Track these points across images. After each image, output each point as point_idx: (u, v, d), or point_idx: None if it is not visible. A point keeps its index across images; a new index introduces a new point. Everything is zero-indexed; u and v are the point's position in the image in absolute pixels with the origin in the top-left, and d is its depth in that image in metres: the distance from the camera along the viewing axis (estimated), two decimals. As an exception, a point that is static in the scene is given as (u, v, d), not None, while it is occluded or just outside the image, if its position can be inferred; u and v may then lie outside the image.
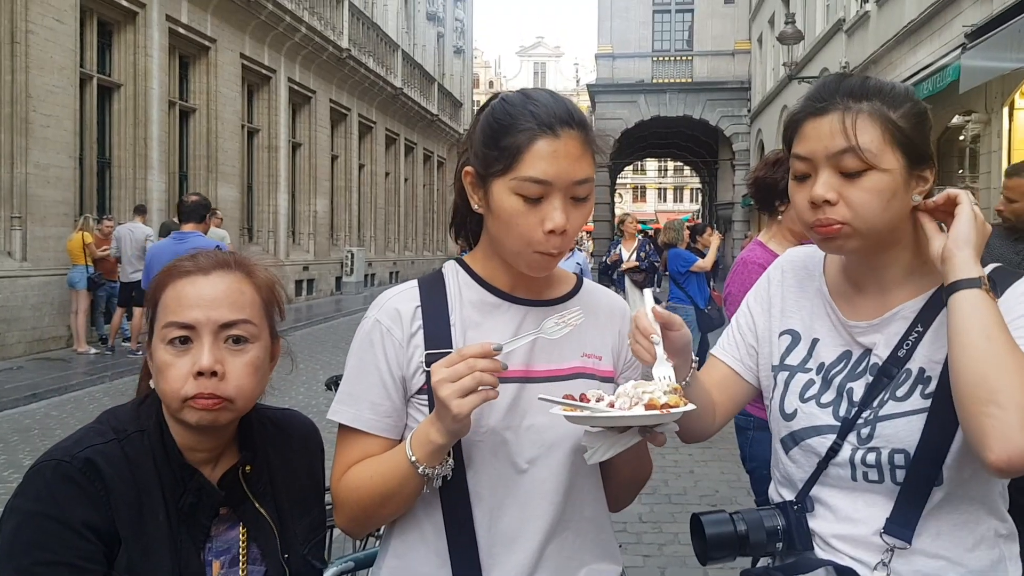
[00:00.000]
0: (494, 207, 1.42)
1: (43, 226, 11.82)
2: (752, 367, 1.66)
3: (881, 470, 1.41)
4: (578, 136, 1.40)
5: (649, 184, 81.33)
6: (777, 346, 1.61)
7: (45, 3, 11.78)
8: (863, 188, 1.35)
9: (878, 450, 1.41)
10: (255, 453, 1.49)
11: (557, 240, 1.39)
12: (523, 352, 1.46)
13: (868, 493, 1.43)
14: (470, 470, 1.44)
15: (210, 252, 1.46)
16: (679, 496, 5.99)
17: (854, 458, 1.43)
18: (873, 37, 16.59)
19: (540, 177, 1.37)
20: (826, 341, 1.54)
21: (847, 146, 1.35)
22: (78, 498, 1.29)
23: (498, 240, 1.46)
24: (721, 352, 1.70)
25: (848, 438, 1.45)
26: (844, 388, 1.48)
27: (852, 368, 1.49)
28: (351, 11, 24.07)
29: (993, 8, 10.74)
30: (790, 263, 1.68)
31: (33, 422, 8.28)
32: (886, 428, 1.41)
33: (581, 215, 1.42)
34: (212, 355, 1.34)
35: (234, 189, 18.05)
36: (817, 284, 1.59)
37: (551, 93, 1.47)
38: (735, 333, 1.70)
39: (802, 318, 1.59)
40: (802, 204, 1.42)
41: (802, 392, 1.53)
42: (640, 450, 1.49)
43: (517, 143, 1.38)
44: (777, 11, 26.45)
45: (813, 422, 1.50)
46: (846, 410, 1.47)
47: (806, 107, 1.43)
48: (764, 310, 1.66)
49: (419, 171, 33.79)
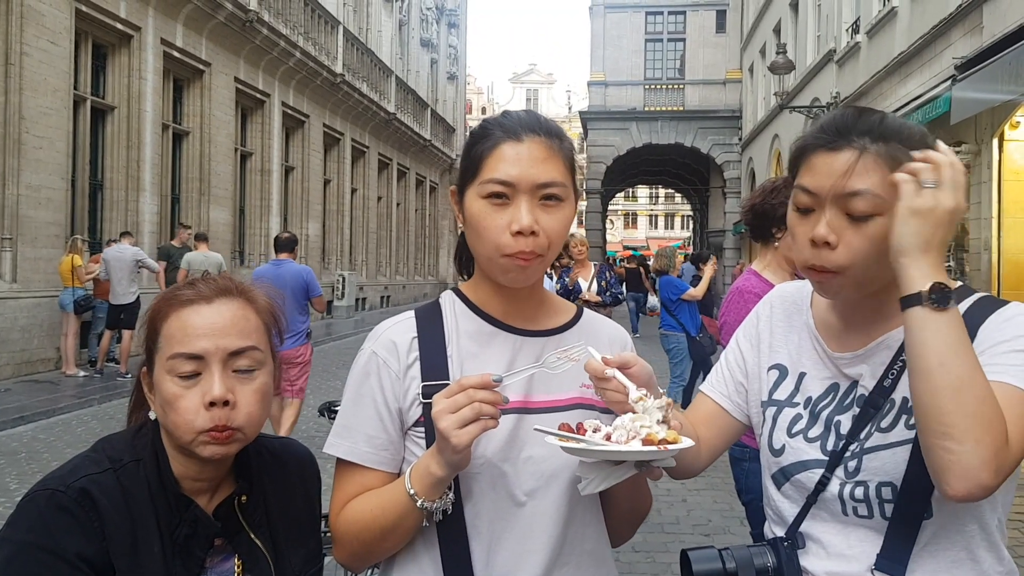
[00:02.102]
0: (467, 215, 1.44)
1: (34, 247, 11.78)
2: (741, 404, 1.63)
3: (870, 504, 1.37)
4: (544, 141, 1.42)
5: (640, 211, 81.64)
6: (766, 381, 1.59)
7: (40, 25, 11.81)
8: (866, 235, 1.31)
9: (865, 484, 1.38)
10: (251, 483, 1.47)
11: (525, 241, 1.37)
12: (522, 383, 1.44)
13: (859, 528, 1.39)
14: (468, 503, 1.41)
15: (210, 279, 1.44)
16: (672, 525, 5.96)
17: (843, 492, 1.40)
18: (864, 68, 16.75)
19: (502, 178, 1.38)
20: (813, 375, 1.52)
21: (859, 189, 1.30)
22: (72, 529, 1.26)
23: (475, 251, 1.46)
24: (709, 388, 1.68)
25: (836, 472, 1.41)
26: (832, 421, 1.45)
27: (840, 401, 1.46)
28: (345, 37, 24.20)
29: (983, 41, 10.85)
30: (779, 298, 1.66)
31: (20, 445, 8.21)
32: (872, 461, 1.38)
33: (555, 220, 1.41)
34: (223, 384, 1.32)
35: (226, 212, 18.04)
36: (804, 318, 1.57)
37: (528, 111, 1.50)
38: (724, 369, 1.67)
39: (789, 352, 1.57)
40: (802, 240, 1.39)
41: (790, 427, 1.50)
42: (639, 483, 1.48)
43: (483, 149, 1.43)
44: (768, 41, 26.68)
45: (801, 457, 1.46)
46: (833, 443, 1.43)
47: (819, 139, 1.37)
48: (753, 346, 1.64)
49: (411, 196, 33.84)
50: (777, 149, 25.82)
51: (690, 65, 35.11)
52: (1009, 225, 11.08)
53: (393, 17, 31.36)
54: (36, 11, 11.72)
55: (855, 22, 17.69)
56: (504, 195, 1.39)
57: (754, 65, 30.33)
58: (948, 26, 12.28)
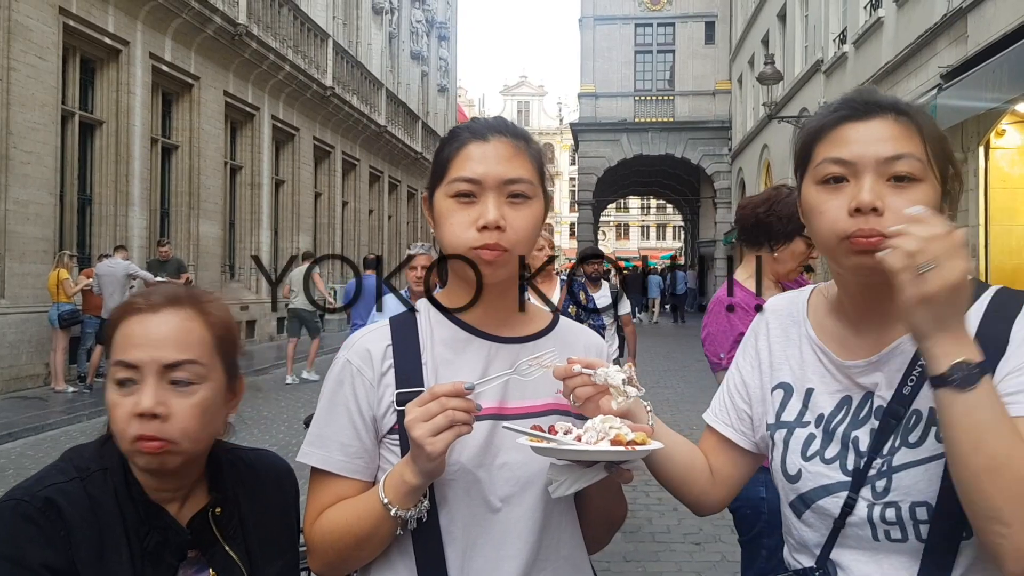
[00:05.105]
0: (435, 215, 1.46)
1: (22, 263, 11.73)
2: (746, 432, 1.54)
3: (903, 527, 1.27)
4: (510, 141, 1.44)
5: (632, 222, 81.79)
6: (771, 403, 1.48)
7: (27, 40, 11.79)
8: (911, 200, 1.23)
9: (897, 504, 1.28)
10: (225, 495, 1.46)
11: (491, 235, 1.38)
12: (497, 390, 1.44)
13: (893, 554, 1.29)
14: (443, 510, 1.41)
15: (165, 288, 1.43)
16: (663, 535, 5.94)
17: (872, 515, 1.30)
18: (851, 77, 16.84)
19: (468, 175, 1.41)
20: (821, 389, 1.42)
21: (902, 152, 1.26)
22: (37, 539, 1.25)
23: (443, 248, 1.47)
24: (712, 418, 1.60)
25: (862, 493, 1.31)
26: (849, 438, 1.35)
27: (854, 415, 1.36)
28: (335, 50, 24.23)
29: (968, 50, 10.93)
30: (773, 312, 1.57)
31: (8, 462, 8.15)
32: (903, 479, 1.28)
33: (523, 216, 1.42)
34: (154, 396, 1.31)
35: (216, 226, 18.00)
36: (803, 329, 1.48)
37: (497, 117, 1.54)
38: (725, 396, 1.59)
39: (792, 369, 1.47)
40: (836, 213, 1.28)
41: (804, 449, 1.40)
42: (613, 488, 1.48)
43: (450, 151, 1.46)
44: (756, 52, 26.84)
45: (821, 481, 1.36)
46: (854, 462, 1.33)
47: (844, 112, 1.32)
48: (754, 367, 1.55)
49: (402, 208, 33.83)
50: (767, 159, 25.93)
51: (680, 76, 35.28)
52: (996, 232, 11.14)
53: (383, 30, 31.42)
54: (24, 26, 11.70)
55: (842, 32, 17.81)
56: (471, 193, 1.41)
57: (743, 76, 30.49)
58: (933, 35, 12.38)
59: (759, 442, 1.53)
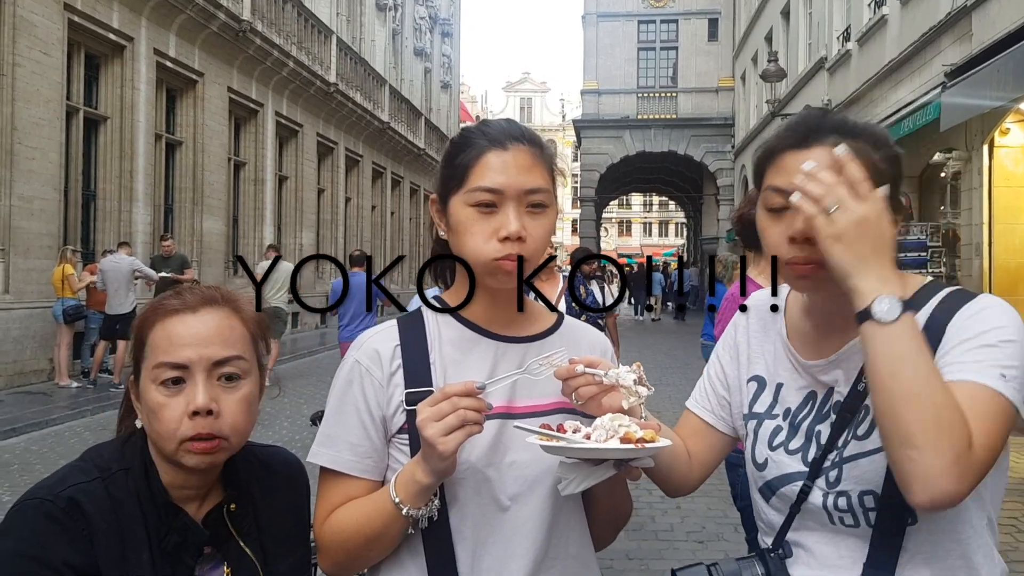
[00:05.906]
0: (452, 224, 1.46)
1: (26, 258, 11.75)
2: (725, 417, 1.63)
3: (855, 513, 1.37)
4: (528, 150, 1.45)
5: (635, 218, 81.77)
6: (746, 393, 1.58)
7: (32, 36, 11.81)
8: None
9: (847, 493, 1.37)
10: (240, 491, 1.48)
11: (513, 245, 1.40)
12: (505, 389, 1.45)
13: (848, 537, 1.39)
14: (452, 509, 1.43)
15: (196, 288, 1.45)
16: (666, 533, 5.96)
17: (827, 503, 1.39)
18: (855, 75, 16.83)
19: (490, 186, 1.41)
20: (789, 385, 1.51)
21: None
22: (60, 538, 1.27)
23: (463, 257, 1.46)
24: (694, 404, 1.68)
25: (817, 482, 1.40)
26: (812, 432, 1.44)
27: (818, 410, 1.45)
28: (339, 46, 24.22)
29: (972, 48, 10.92)
30: (755, 307, 1.65)
31: (13, 457, 8.18)
32: (852, 470, 1.37)
33: (540, 225, 1.44)
34: (207, 393, 1.33)
35: (220, 222, 18.02)
36: (778, 326, 1.57)
37: (508, 120, 1.53)
38: (706, 384, 1.67)
39: (766, 363, 1.57)
40: (777, 239, 1.39)
41: (771, 440, 1.50)
42: (620, 486, 1.51)
43: (468, 159, 1.45)
44: (760, 49, 26.79)
45: (784, 470, 1.46)
46: (814, 454, 1.42)
47: (786, 139, 1.40)
48: (732, 358, 1.64)
49: (405, 205, 33.84)
50: (770, 156, 25.84)
51: (683, 73, 35.23)
52: (1000, 230, 11.15)
53: (386, 26, 31.42)
54: (28, 22, 11.72)
55: (846, 30, 17.78)
56: (492, 203, 1.42)
57: (746, 73, 30.44)
58: (938, 33, 12.37)
59: (737, 427, 1.61)
